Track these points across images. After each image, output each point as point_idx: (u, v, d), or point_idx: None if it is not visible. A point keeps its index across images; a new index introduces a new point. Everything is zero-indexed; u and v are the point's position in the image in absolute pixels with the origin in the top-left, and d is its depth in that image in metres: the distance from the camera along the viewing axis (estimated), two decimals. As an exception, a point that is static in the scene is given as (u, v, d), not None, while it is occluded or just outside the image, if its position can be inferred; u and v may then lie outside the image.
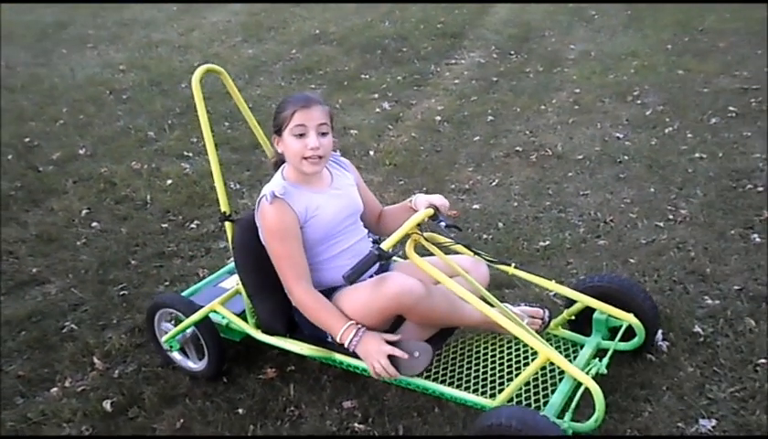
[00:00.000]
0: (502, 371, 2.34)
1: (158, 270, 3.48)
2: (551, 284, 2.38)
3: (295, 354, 2.41)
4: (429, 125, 5.25)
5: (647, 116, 4.98)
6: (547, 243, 3.41)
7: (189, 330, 2.61)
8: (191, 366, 2.68)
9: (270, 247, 2.26)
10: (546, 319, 2.40)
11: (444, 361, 2.42)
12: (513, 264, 2.37)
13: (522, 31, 7.60)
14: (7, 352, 2.90)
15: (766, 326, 2.62)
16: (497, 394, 2.16)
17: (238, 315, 2.54)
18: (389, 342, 2.15)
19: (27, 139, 5.31)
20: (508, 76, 6.29)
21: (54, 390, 2.66)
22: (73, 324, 3.06)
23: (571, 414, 2.01)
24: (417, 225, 2.13)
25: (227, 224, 2.48)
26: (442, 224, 2.14)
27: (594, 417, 1.97)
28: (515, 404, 2.17)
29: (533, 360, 2.05)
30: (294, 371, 2.63)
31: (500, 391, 2.16)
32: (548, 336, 2.47)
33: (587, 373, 2.07)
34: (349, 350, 2.16)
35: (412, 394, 2.40)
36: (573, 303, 2.43)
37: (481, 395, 2.22)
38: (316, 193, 2.30)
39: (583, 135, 4.76)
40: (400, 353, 2.10)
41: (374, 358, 2.12)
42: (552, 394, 2.12)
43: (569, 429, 1.98)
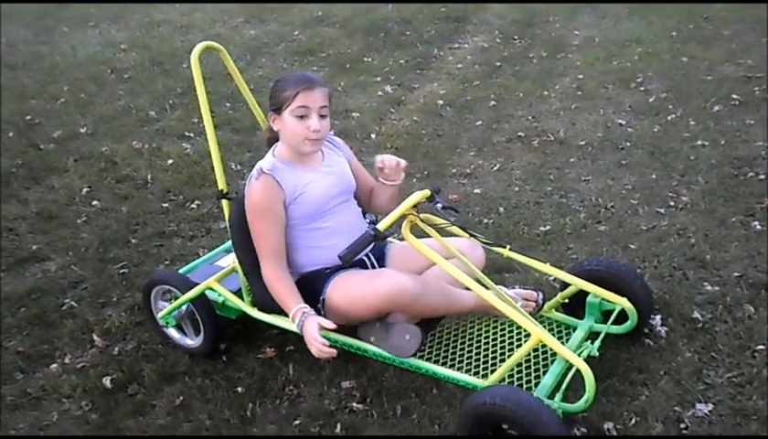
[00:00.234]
0: (495, 352, 2.35)
1: (158, 249, 3.48)
2: (546, 267, 2.38)
3: (292, 332, 2.42)
4: (431, 109, 5.24)
5: (650, 103, 4.96)
6: (547, 228, 3.40)
7: (185, 307, 2.63)
8: (187, 342, 2.69)
9: (249, 221, 2.28)
10: (540, 302, 2.41)
11: (438, 341, 2.43)
12: (508, 247, 2.37)
13: (526, 16, 7.55)
14: (7, 328, 2.91)
15: (765, 312, 2.62)
16: (490, 374, 2.17)
17: (234, 292, 2.56)
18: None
19: (29, 117, 5.30)
20: (512, 61, 6.26)
21: (54, 366, 2.67)
22: (73, 301, 3.06)
23: (562, 395, 2.03)
24: (413, 206, 2.13)
25: (224, 202, 2.49)
26: (438, 206, 2.14)
27: (584, 398, 1.99)
28: (506, 384, 2.18)
29: (526, 342, 2.06)
30: (294, 351, 2.63)
31: (492, 372, 2.17)
32: (541, 318, 2.48)
33: (579, 355, 2.08)
34: (298, 329, 2.20)
35: (411, 375, 2.41)
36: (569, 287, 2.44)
37: (473, 375, 2.23)
38: (307, 171, 2.31)
39: (586, 121, 4.74)
40: (319, 344, 2.12)
41: (309, 343, 2.15)
42: (544, 375, 2.13)
43: (559, 409, 2.00)
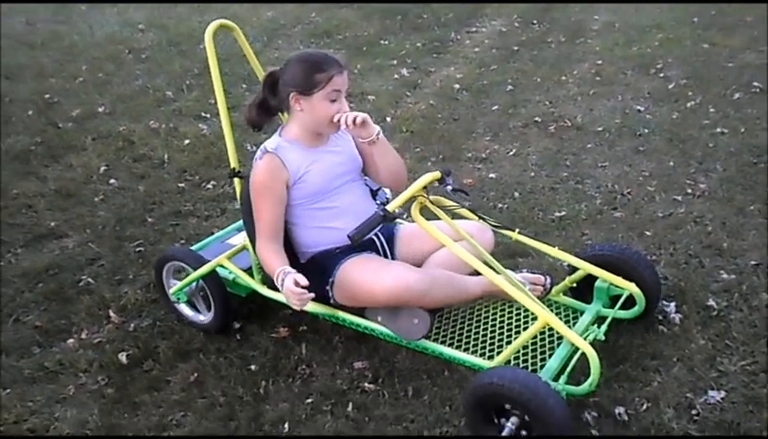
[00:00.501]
0: (501, 334, 2.36)
1: (174, 228, 3.50)
2: (554, 251, 2.37)
3: (303, 312, 2.44)
4: (447, 93, 5.21)
5: (670, 90, 4.91)
6: (563, 214, 3.39)
7: (196, 283, 2.66)
8: (199, 318, 2.72)
9: (252, 199, 2.29)
10: (547, 286, 2.40)
11: (444, 322, 2.44)
12: (517, 230, 2.37)
13: (545, 1, 7.47)
14: (25, 303, 2.95)
15: (781, 301, 2.61)
16: (496, 356, 2.18)
17: (244, 270, 2.58)
18: None
19: (47, 95, 5.34)
20: (530, 45, 6.21)
21: (70, 341, 2.70)
22: (90, 278, 3.10)
23: (567, 378, 2.03)
24: (423, 188, 2.12)
25: (235, 180, 2.51)
26: (448, 188, 2.13)
27: (589, 381, 1.99)
28: (512, 366, 2.19)
29: (533, 325, 2.06)
30: (307, 331, 2.65)
31: (499, 353, 2.18)
32: (548, 302, 2.48)
33: (585, 339, 2.07)
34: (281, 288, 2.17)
35: (422, 357, 2.42)
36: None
37: (480, 356, 2.24)
38: (313, 150, 2.30)
39: (604, 107, 4.70)
40: (297, 294, 2.08)
41: (287, 296, 2.12)
42: (550, 358, 2.13)
43: (563, 391, 2.00)
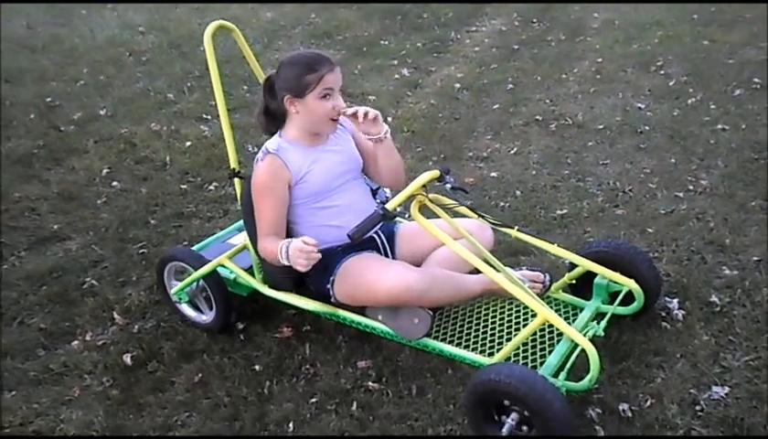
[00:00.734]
0: (501, 332, 2.37)
1: (177, 230, 3.51)
2: (554, 248, 2.38)
3: (301, 309, 2.48)
4: (448, 93, 5.22)
5: (670, 87, 4.91)
6: (564, 212, 3.39)
7: (198, 283, 2.67)
8: (201, 318, 2.73)
9: (254, 200, 2.29)
10: (547, 283, 2.41)
11: (445, 320, 2.45)
12: (516, 227, 2.38)
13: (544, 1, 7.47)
14: (29, 305, 2.95)
15: (784, 297, 2.61)
16: (496, 353, 2.19)
17: (245, 270, 2.59)
18: None
19: (49, 99, 5.35)
20: (530, 44, 6.21)
21: (75, 343, 2.71)
22: (94, 280, 3.11)
23: (566, 374, 2.04)
24: (423, 186, 2.13)
25: (236, 180, 2.52)
26: (447, 186, 2.14)
27: (588, 377, 2.00)
28: (512, 362, 2.20)
29: (532, 322, 2.07)
30: (310, 331, 2.66)
31: (499, 350, 2.19)
32: (548, 299, 2.48)
33: (584, 335, 2.08)
34: (287, 263, 2.15)
35: (426, 356, 2.42)
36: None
37: (480, 353, 2.25)
38: (314, 150, 2.31)
39: (604, 105, 4.70)
40: (305, 253, 2.06)
41: (295, 259, 2.09)
42: (549, 355, 2.14)
43: (563, 387, 2.01)
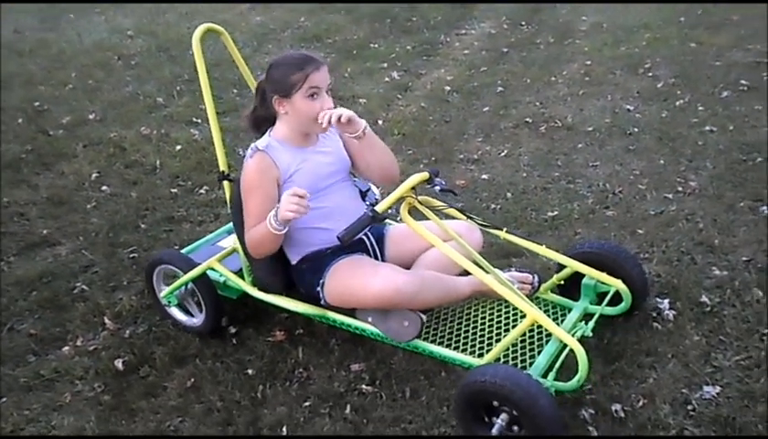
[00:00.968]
0: (491, 333, 2.38)
1: (168, 234, 3.50)
2: (542, 249, 2.39)
3: (291, 312, 2.49)
4: (438, 95, 5.23)
5: (659, 89, 4.95)
6: (555, 214, 3.41)
7: (187, 286, 2.67)
8: (191, 321, 2.72)
9: (242, 198, 2.29)
10: (535, 284, 2.42)
11: (434, 321, 2.45)
12: (505, 229, 2.40)
13: (533, 2, 7.51)
14: (19, 311, 2.93)
15: (773, 297, 2.63)
16: (485, 354, 2.20)
17: (235, 272, 2.59)
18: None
19: (37, 103, 5.33)
20: (519, 47, 6.25)
21: (66, 348, 2.69)
22: (84, 285, 3.09)
23: (555, 374, 2.05)
24: (412, 188, 2.14)
25: (225, 183, 2.52)
26: (437, 188, 2.15)
27: (577, 377, 2.01)
28: (501, 363, 2.20)
29: (521, 323, 2.08)
30: (303, 335, 2.65)
31: (488, 351, 2.20)
32: (537, 300, 2.50)
33: (573, 335, 2.10)
34: (280, 228, 2.14)
35: (419, 358, 2.43)
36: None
37: (469, 354, 2.26)
38: (303, 150, 2.32)
39: (594, 107, 4.73)
40: (295, 201, 2.06)
41: (285, 212, 2.07)
42: (538, 355, 2.16)
43: (552, 387, 2.03)
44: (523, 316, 2.08)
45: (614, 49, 5.89)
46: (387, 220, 2.51)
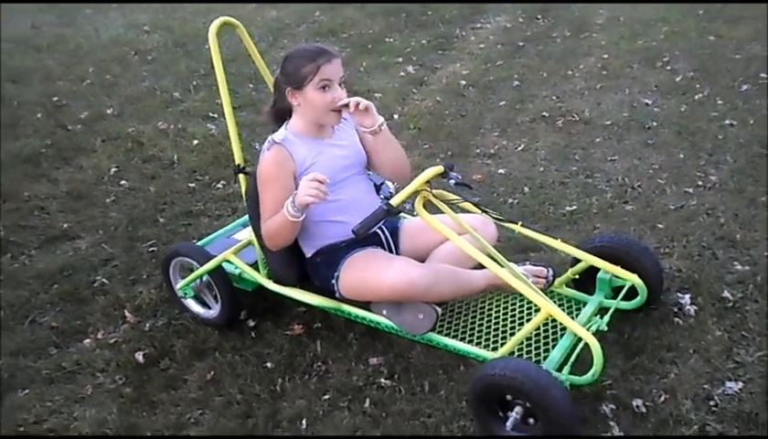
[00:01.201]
0: (505, 326, 2.38)
1: (186, 228, 3.52)
2: (557, 243, 2.39)
3: (305, 305, 2.50)
4: (454, 90, 5.21)
5: (677, 82, 4.90)
6: (573, 208, 3.39)
7: (203, 278, 2.69)
8: (205, 313, 2.74)
9: (259, 190, 2.29)
10: (550, 278, 2.42)
11: (449, 315, 2.46)
12: (520, 223, 2.39)
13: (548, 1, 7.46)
14: (40, 304, 2.96)
15: (796, 292, 2.60)
16: (499, 348, 2.20)
17: (250, 265, 2.60)
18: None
19: (56, 98, 5.36)
20: (535, 41, 6.20)
21: (87, 341, 2.72)
22: (104, 278, 3.11)
23: (570, 368, 2.05)
24: (427, 182, 2.14)
25: (240, 176, 2.53)
26: (451, 182, 2.15)
27: (592, 371, 2.01)
28: (516, 357, 2.21)
29: (536, 317, 2.08)
30: (321, 329, 2.66)
31: (502, 345, 2.19)
32: (551, 294, 2.50)
33: (588, 329, 2.09)
34: (298, 214, 2.14)
35: (438, 352, 2.42)
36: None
37: (483, 348, 2.26)
38: (319, 143, 2.32)
39: (611, 101, 4.70)
40: (313, 186, 2.05)
41: (303, 194, 2.06)
42: (553, 349, 2.15)
43: (566, 381, 2.02)
44: (537, 310, 2.08)
45: (632, 43, 5.84)
46: (401, 214, 2.52)
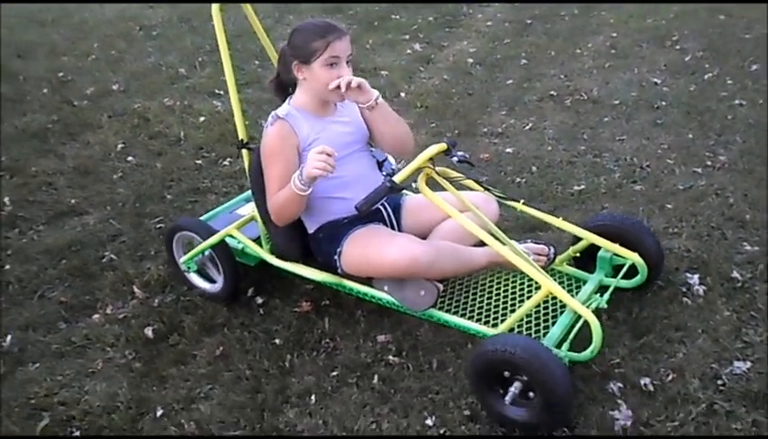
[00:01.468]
0: (505, 304, 2.39)
1: (193, 205, 3.52)
2: (558, 221, 2.39)
3: (308, 280, 2.51)
4: (461, 68, 5.18)
5: (686, 62, 4.86)
6: (581, 188, 3.38)
7: (206, 253, 2.70)
8: (211, 288, 2.76)
9: (263, 165, 2.29)
10: (551, 256, 2.42)
11: (449, 291, 2.46)
12: (522, 201, 2.39)
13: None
14: (49, 279, 2.97)
15: (805, 273, 2.60)
16: (500, 324, 2.21)
17: (253, 240, 2.62)
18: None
19: (61, 73, 5.34)
20: (543, 18, 6.15)
21: (96, 316, 2.73)
22: (112, 254, 3.12)
23: (569, 345, 2.06)
24: (429, 159, 2.13)
25: (244, 151, 2.53)
26: (454, 159, 2.15)
27: (591, 348, 2.02)
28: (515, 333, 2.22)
29: (536, 294, 2.09)
30: (329, 306, 2.67)
31: (503, 321, 2.20)
32: (552, 271, 2.50)
33: (587, 307, 2.10)
34: (305, 187, 2.14)
35: (446, 330, 2.43)
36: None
37: (483, 324, 2.27)
38: (322, 119, 2.32)
39: (620, 80, 4.66)
40: (322, 158, 2.05)
41: (311, 167, 2.06)
42: (552, 326, 2.16)
43: (565, 357, 2.04)
44: (538, 288, 2.08)
45: (641, 21, 5.78)
46: (404, 191, 2.52)
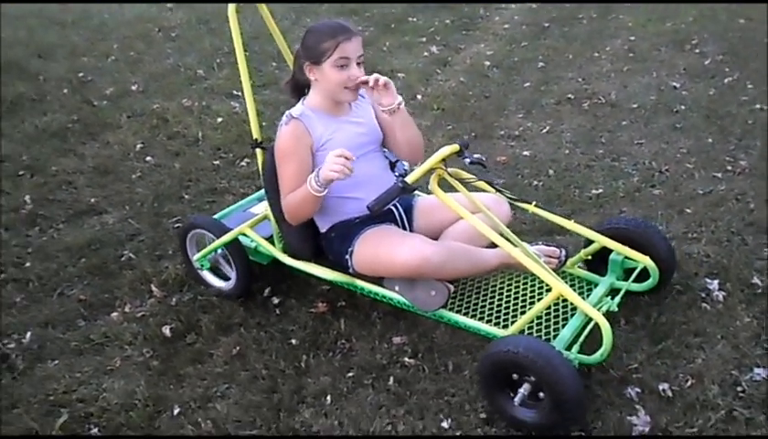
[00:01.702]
0: (516, 305, 2.39)
1: (211, 205, 3.54)
2: (570, 224, 2.38)
3: (320, 279, 2.52)
4: (478, 70, 5.17)
5: (706, 66, 4.82)
6: (599, 191, 3.36)
7: (219, 251, 2.73)
8: (225, 286, 2.78)
9: (277, 165, 2.30)
10: (562, 258, 2.41)
11: (460, 292, 2.46)
12: (534, 202, 2.39)
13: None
14: (68, 277, 3.00)
15: (826, 280, 2.57)
16: (510, 326, 2.21)
17: (266, 238, 2.63)
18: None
19: (81, 74, 5.39)
20: (560, 21, 6.13)
21: (114, 314, 2.75)
22: (131, 253, 3.14)
23: (579, 347, 2.05)
24: (442, 160, 2.13)
25: (257, 151, 2.54)
26: (466, 160, 2.15)
27: (601, 351, 2.01)
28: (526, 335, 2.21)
29: (547, 296, 2.08)
30: (345, 307, 2.67)
31: (513, 323, 2.20)
32: (563, 274, 2.50)
33: (598, 310, 2.09)
34: (321, 188, 2.15)
35: (462, 333, 2.43)
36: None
37: (494, 326, 2.27)
38: (336, 119, 2.33)
39: (638, 84, 4.63)
40: (340, 161, 2.06)
41: (328, 169, 2.08)
42: (563, 328, 2.16)
43: (575, 360, 2.03)
44: (549, 290, 2.08)
45: (659, 25, 5.75)
46: (416, 192, 2.53)
